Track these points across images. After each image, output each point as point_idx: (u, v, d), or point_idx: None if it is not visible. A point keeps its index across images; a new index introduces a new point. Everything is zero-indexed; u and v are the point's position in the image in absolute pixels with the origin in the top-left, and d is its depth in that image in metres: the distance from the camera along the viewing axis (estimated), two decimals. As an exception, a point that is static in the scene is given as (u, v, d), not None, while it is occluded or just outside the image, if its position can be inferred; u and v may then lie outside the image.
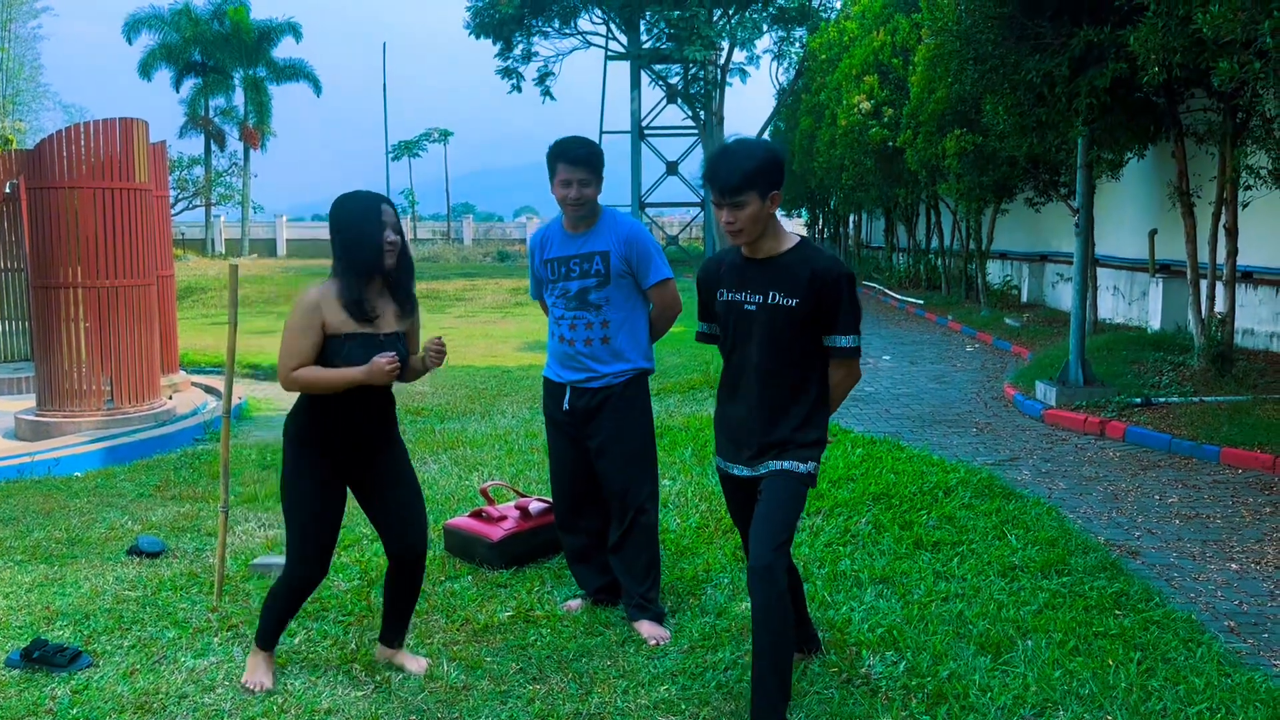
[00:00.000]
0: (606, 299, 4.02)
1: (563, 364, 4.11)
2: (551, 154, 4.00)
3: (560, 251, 4.08)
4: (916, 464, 6.27)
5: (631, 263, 4.03)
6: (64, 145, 8.68)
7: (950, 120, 13.62)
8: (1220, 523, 5.53)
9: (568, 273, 4.05)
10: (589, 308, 4.03)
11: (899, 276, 22.16)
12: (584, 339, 4.03)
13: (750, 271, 3.24)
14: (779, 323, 3.16)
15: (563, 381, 4.10)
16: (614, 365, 4.03)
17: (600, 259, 4.01)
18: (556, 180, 3.96)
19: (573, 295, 4.04)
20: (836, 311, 3.13)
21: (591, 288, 4.02)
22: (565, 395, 4.08)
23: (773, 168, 3.12)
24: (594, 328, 4.03)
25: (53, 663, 3.69)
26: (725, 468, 3.39)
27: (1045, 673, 3.54)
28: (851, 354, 3.19)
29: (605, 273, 4.01)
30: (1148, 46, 6.99)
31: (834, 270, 3.14)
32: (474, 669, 3.67)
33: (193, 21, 41.43)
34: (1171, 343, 10.23)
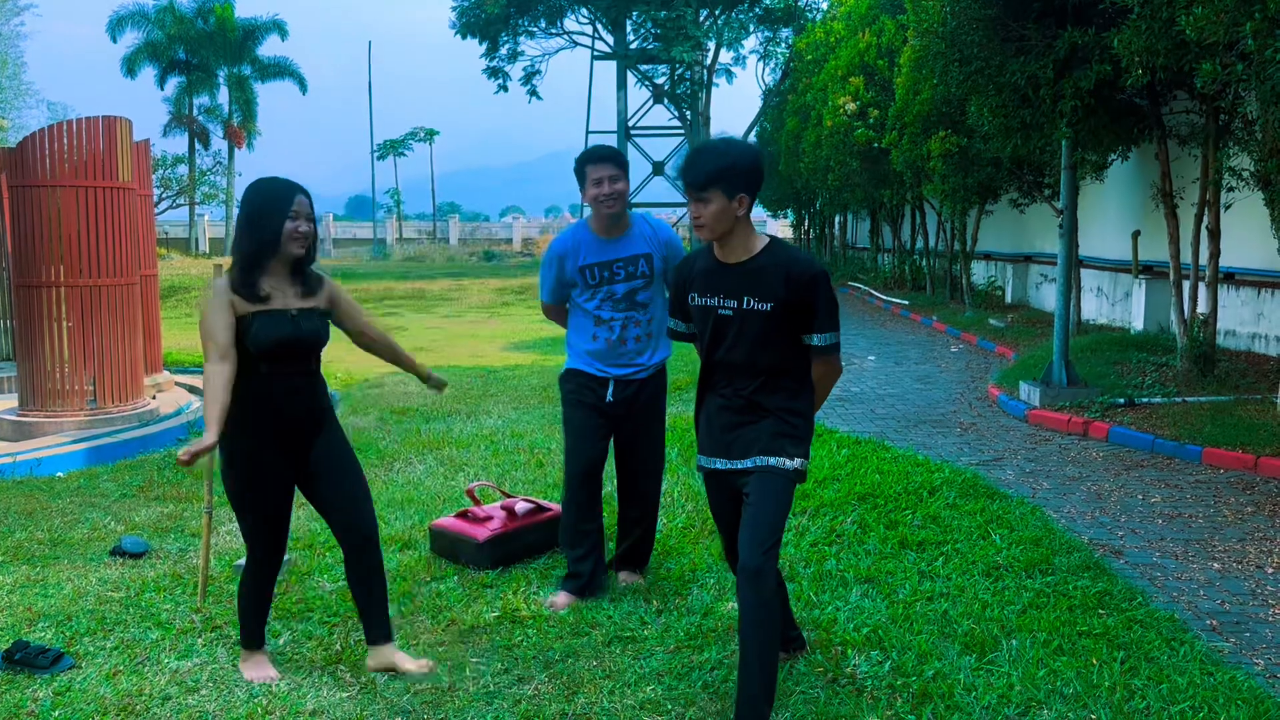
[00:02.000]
0: (651, 298, 4.33)
1: (607, 360, 4.32)
2: (578, 162, 4.26)
3: (599, 256, 4.27)
4: (902, 464, 6.29)
5: (670, 261, 4.34)
6: (47, 143, 8.61)
7: (935, 121, 13.68)
8: (1202, 522, 5.57)
9: (612, 276, 4.27)
10: (638, 307, 4.30)
11: (884, 277, 22.23)
12: (634, 336, 4.31)
13: (722, 276, 3.22)
14: (756, 326, 3.17)
15: (607, 376, 4.32)
16: (656, 356, 4.39)
17: (645, 261, 4.28)
18: (588, 182, 4.18)
19: (620, 297, 4.28)
20: (813, 310, 3.13)
21: (640, 288, 4.29)
22: (610, 387, 4.32)
23: (742, 169, 3.11)
24: (642, 325, 4.32)
25: (35, 664, 3.67)
26: (708, 464, 3.37)
27: (1029, 672, 3.56)
28: (831, 351, 3.20)
29: (651, 274, 4.30)
30: (1131, 49, 7.04)
31: (808, 270, 3.13)
32: (460, 670, 3.66)
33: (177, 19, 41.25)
34: (1154, 343, 10.29)
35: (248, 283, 3.40)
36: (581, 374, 4.36)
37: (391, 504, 5.77)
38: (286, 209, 3.40)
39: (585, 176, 4.21)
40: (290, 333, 3.43)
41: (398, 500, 5.86)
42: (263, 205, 3.42)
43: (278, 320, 3.41)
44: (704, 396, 3.39)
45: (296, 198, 3.43)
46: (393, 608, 4.23)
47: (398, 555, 4.88)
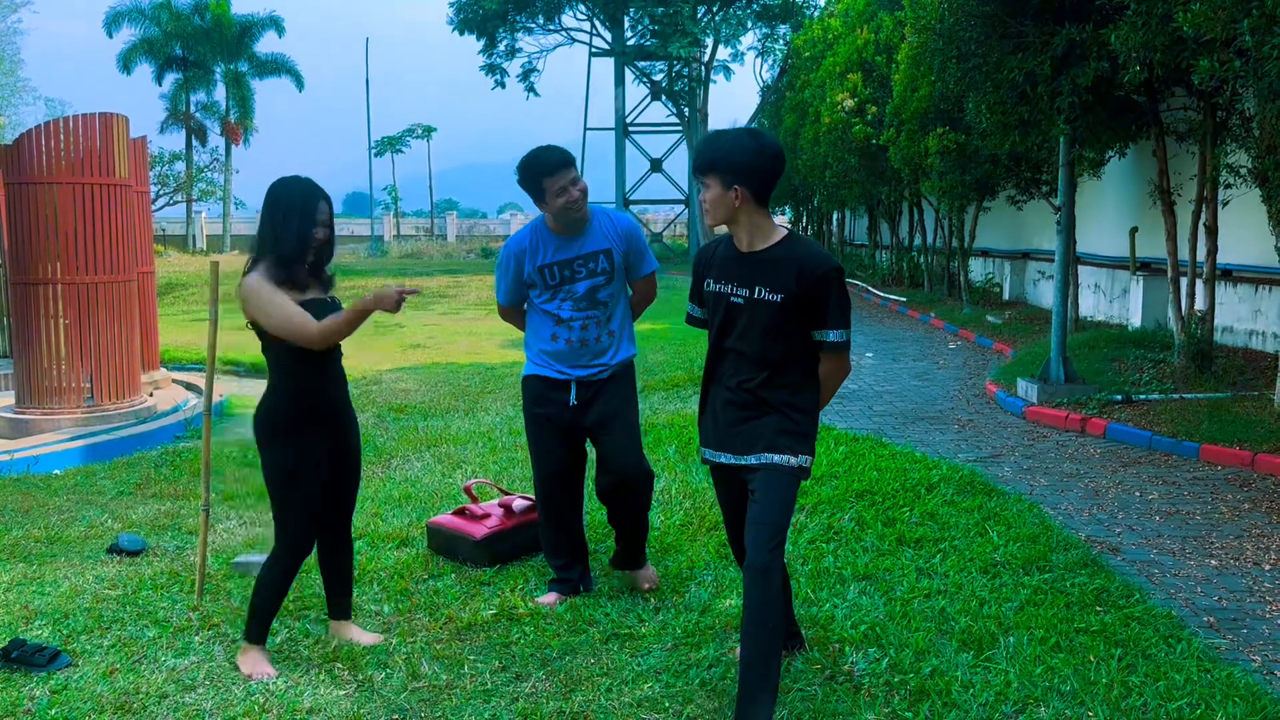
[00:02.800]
0: (612, 295, 4.19)
1: (567, 362, 4.18)
2: (527, 174, 4.04)
3: (558, 255, 4.13)
4: (899, 461, 6.29)
5: (630, 257, 4.22)
6: (43, 140, 8.60)
7: (933, 118, 13.67)
8: (1200, 519, 5.57)
9: (573, 275, 4.12)
10: (599, 306, 4.16)
11: (882, 274, 22.22)
12: (595, 336, 4.16)
13: (738, 264, 3.24)
14: (766, 317, 3.16)
15: (568, 378, 4.18)
16: (618, 355, 4.23)
17: (605, 257, 4.14)
18: (549, 193, 3.99)
19: (581, 295, 4.14)
20: (825, 306, 3.12)
21: (601, 285, 4.15)
22: (572, 390, 4.17)
23: (736, 162, 3.11)
24: (603, 324, 4.18)
25: (31, 662, 3.66)
26: (712, 457, 3.37)
27: (1027, 669, 3.56)
28: (840, 348, 3.18)
29: (611, 270, 4.16)
30: (1129, 45, 7.04)
31: (821, 265, 3.11)
32: (457, 667, 3.66)
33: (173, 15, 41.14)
34: (1152, 340, 10.30)
35: (292, 276, 3.51)
36: (540, 380, 4.22)
37: (389, 501, 5.77)
38: (313, 217, 3.53)
39: (543, 190, 4.00)
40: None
41: (395, 497, 5.85)
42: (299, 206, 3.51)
43: (327, 308, 3.55)
44: (709, 388, 3.39)
45: (319, 204, 3.54)
46: (389, 605, 4.25)
47: (395, 552, 4.88)
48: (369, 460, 6.90)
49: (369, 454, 7.08)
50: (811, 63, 21.94)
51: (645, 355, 11.48)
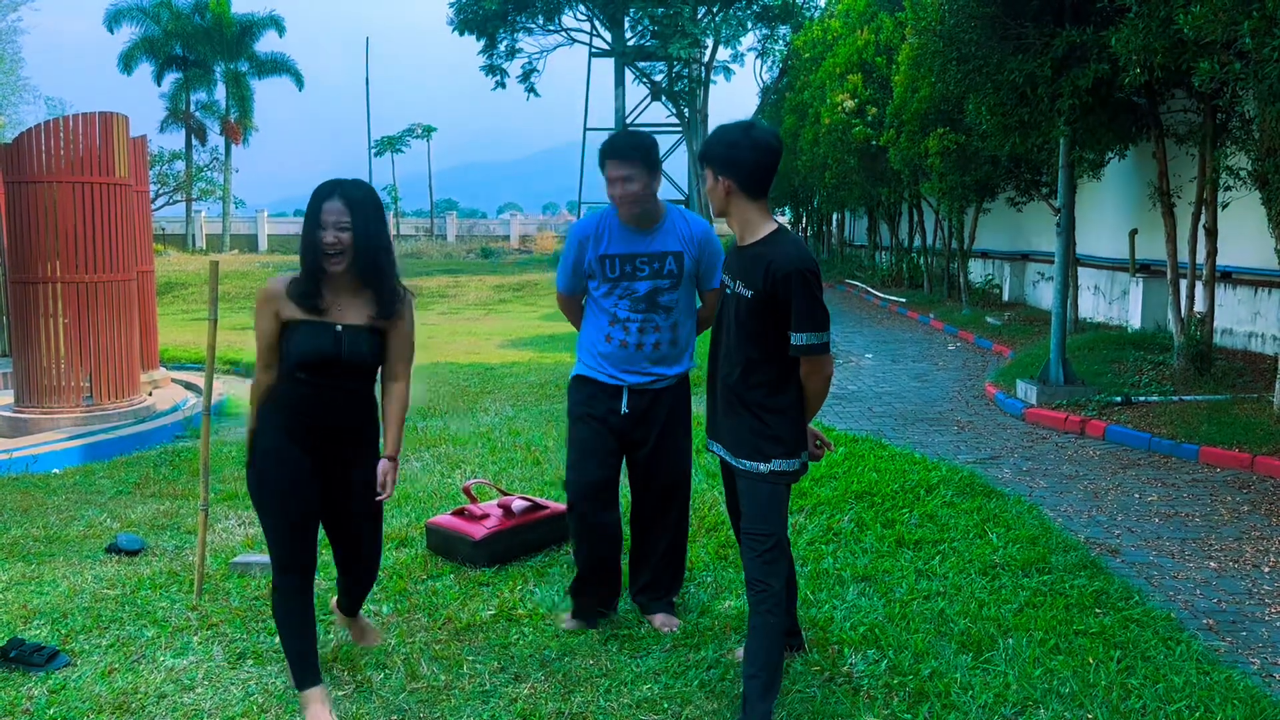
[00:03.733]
0: (676, 301, 3.84)
1: (619, 365, 3.84)
2: (601, 153, 3.78)
3: (625, 248, 3.80)
4: (899, 462, 6.29)
5: (703, 263, 3.86)
6: (43, 139, 8.60)
7: (933, 119, 13.67)
8: (1199, 521, 5.57)
9: (634, 271, 3.79)
10: (659, 310, 3.81)
11: (882, 275, 22.23)
12: (653, 342, 3.82)
13: (734, 257, 3.27)
14: (740, 312, 3.16)
15: (620, 384, 3.84)
16: (677, 367, 3.91)
17: (674, 260, 3.80)
18: (608, 179, 3.74)
19: (641, 296, 3.80)
20: (789, 307, 3.04)
21: (664, 289, 3.81)
22: (624, 397, 3.83)
23: (718, 154, 3.14)
24: (663, 331, 3.83)
25: (30, 662, 3.66)
26: (710, 446, 3.44)
27: (1026, 671, 3.56)
28: (808, 351, 3.06)
29: (679, 274, 3.81)
30: (1129, 47, 7.04)
31: (787, 264, 3.02)
32: (456, 668, 3.66)
33: (174, 14, 41.16)
34: (1151, 342, 10.30)
35: (303, 294, 3.21)
36: (591, 383, 3.88)
37: (388, 501, 5.76)
38: (316, 219, 3.17)
39: (605, 172, 3.75)
40: (328, 349, 3.21)
41: (394, 498, 5.85)
42: (306, 217, 3.22)
43: (317, 333, 3.20)
44: (709, 377, 3.41)
45: (324, 205, 3.17)
46: (388, 605, 4.24)
47: (394, 553, 4.87)
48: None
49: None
50: (811, 64, 21.96)
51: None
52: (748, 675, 3.11)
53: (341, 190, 3.18)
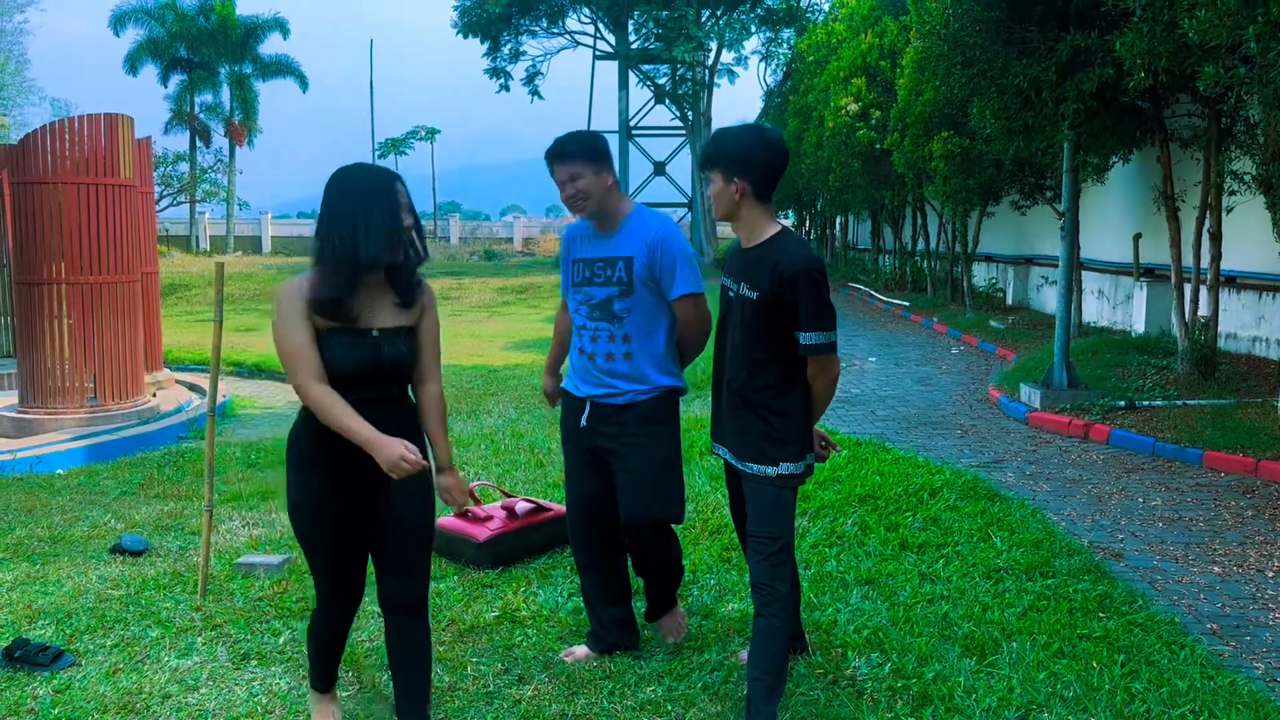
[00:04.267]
0: (629, 310, 3.55)
1: (582, 377, 3.67)
2: (545, 161, 3.57)
3: (586, 252, 3.64)
4: (902, 466, 6.28)
5: (655, 271, 3.54)
6: (48, 140, 8.62)
7: (937, 123, 13.68)
8: (1203, 526, 5.57)
9: (591, 277, 3.61)
10: (612, 319, 3.58)
11: (885, 278, 22.22)
12: (605, 353, 3.59)
13: (737, 259, 3.28)
14: (746, 314, 3.17)
15: (582, 396, 3.66)
16: (636, 384, 3.59)
17: (624, 265, 3.55)
18: (558, 186, 3.54)
19: (596, 303, 3.59)
20: (796, 307, 3.05)
21: (615, 296, 3.56)
22: (585, 410, 3.65)
23: (733, 156, 3.14)
24: (615, 341, 3.57)
25: (35, 662, 3.67)
26: (716, 449, 3.46)
27: (1030, 675, 3.55)
28: (815, 350, 3.07)
29: (628, 281, 3.53)
30: (1134, 52, 7.04)
31: (794, 264, 3.03)
32: (460, 669, 3.66)
33: (179, 16, 41.25)
34: (1155, 346, 10.30)
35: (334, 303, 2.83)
36: (566, 394, 3.76)
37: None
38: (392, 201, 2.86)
39: (553, 177, 3.57)
40: (368, 360, 2.88)
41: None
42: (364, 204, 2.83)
43: (353, 343, 2.86)
44: (714, 381, 3.44)
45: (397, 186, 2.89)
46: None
47: (398, 554, 4.88)
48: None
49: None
50: (815, 67, 21.96)
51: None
52: (752, 678, 3.11)
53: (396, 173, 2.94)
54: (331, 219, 2.82)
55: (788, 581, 3.17)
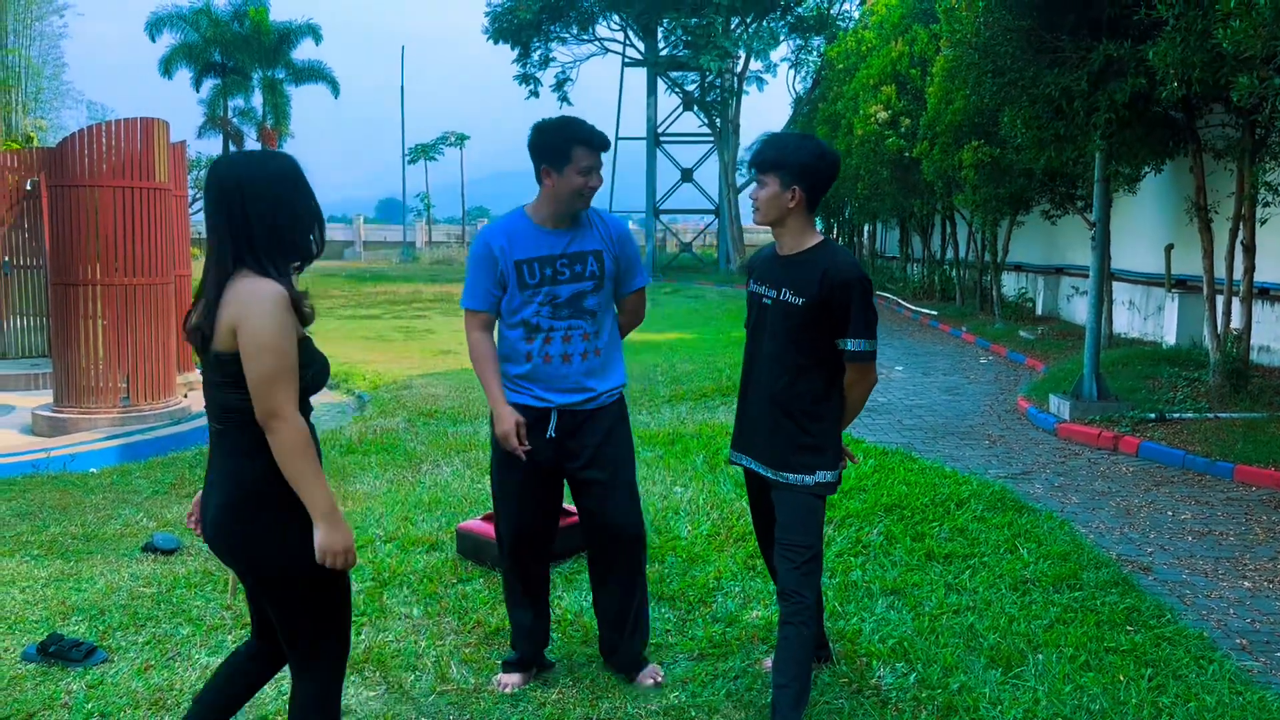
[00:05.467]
0: (600, 306, 3.51)
1: (548, 385, 3.45)
2: (566, 136, 3.38)
3: (538, 250, 3.43)
4: (929, 475, 6.27)
5: (622, 264, 3.55)
6: (86, 144, 8.75)
7: (967, 132, 13.62)
8: (1233, 540, 5.51)
9: (554, 275, 3.43)
10: (585, 315, 3.47)
11: (913, 287, 22.12)
12: (581, 351, 3.46)
13: (774, 266, 3.29)
14: (788, 321, 3.19)
15: (548, 405, 3.46)
16: (607, 381, 3.53)
17: (594, 259, 3.47)
18: (574, 166, 3.35)
19: (564, 301, 3.44)
20: (846, 314, 3.12)
21: (588, 292, 3.47)
22: (551, 421, 3.46)
23: (799, 163, 3.17)
24: (590, 338, 3.48)
25: (68, 657, 3.73)
26: (736, 459, 3.45)
27: (1056, 687, 3.54)
28: (860, 358, 3.16)
29: (600, 275, 3.48)
30: (1167, 61, 6.99)
31: (845, 272, 3.12)
32: (485, 671, 3.69)
33: (213, 22, 41.73)
34: (1186, 358, 10.19)
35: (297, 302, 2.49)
36: (519, 408, 3.46)
37: (419, 505, 5.82)
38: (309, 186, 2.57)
39: (571, 159, 3.35)
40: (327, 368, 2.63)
41: (425, 502, 5.90)
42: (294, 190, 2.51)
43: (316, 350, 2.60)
44: (742, 390, 3.44)
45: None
46: (419, 608, 4.27)
47: (424, 556, 4.92)
48: (399, 464, 6.95)
49: (399, 458, 7.14)
50: (845, 74, 21.91)
51: (674, 365, 11.50)
52: (778, 685, 3.11)
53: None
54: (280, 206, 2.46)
55: (815, 590, 3.18)
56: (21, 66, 35.32)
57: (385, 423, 8.59)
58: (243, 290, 2.38)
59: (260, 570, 2.47)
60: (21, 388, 10.98)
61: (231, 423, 2.44)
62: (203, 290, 2.46)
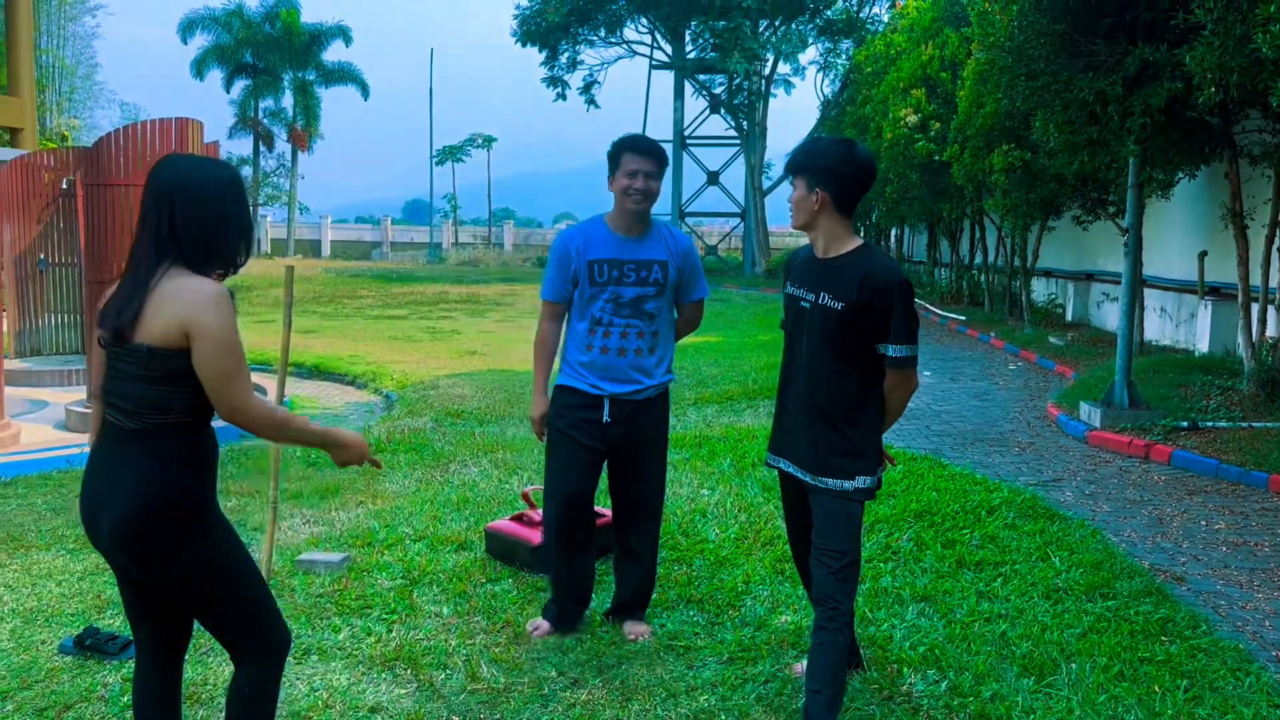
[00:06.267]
0: (659, 309, 3.96)
1: (603, 375, 3.91)
2: (618, 145, 3.92)
3: (611, 254, 3.90)
4: (959, 482, 6.23)
5: (684, 275, 4.01)
6: (121, 143, 8.85)
7: (998, 135, 13.53)
8: (1269, 551, 5.44)
9: (621, 277, 3.89)
10: (644, 316, 3.92)
11: (941, 292, 22.00)
12: (636, 348, 3.91)
13: (812, 269, 3.27)
14: (827, 324, 3.18)
15: (601, 394, 3.91)
16: (657, 376, 3.99)
17: (659, 268, 3.92)
18: (622, 170, 3.85)
19: (626, 301, 3.90)
20: (888, 318, 3.10)
21: (650, 296, 3.92)
22: (605, 407, 3.91)
23: (822, 166, 3.16)
24: (645, 337, 3.93)
25: (104, 650, 3.77)
26: (773, 461, 3.43)
27: (1090, 697, 3.51)
28: (901, 363, 3.14)
29: (663, 282, 3.93)
30: (1204, 66, 6.91)
31: (886, 276, 3.09)
32: (515, 671, 3.70)
33: (245, 23, 42.14)
34: (1220, 366, 10.08)
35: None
36: (573, 391, 3.94)
37: (448, 505, 5.84)
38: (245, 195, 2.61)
39: (620, 164, 3.87)
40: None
41: (453, 501, 5.92)
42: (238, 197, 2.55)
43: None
44: (780, 393, 3.43)
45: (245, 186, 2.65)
46: (448, 607, 4.28)
47: (453, 555, 4.94)
48: (427, 464, 6.98)
49: (427, 458, 7.17)
50: (874, 78, 21.83)
51: (699, 368, 11.49)
52: (812, 690, 3.10)
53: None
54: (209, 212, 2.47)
55: (852, 597, 3.17)
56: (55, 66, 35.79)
57: (413, 422, 8.63)
58: (188, 289, 2.39)
59: (184, 575, 2.45)
60: (56, 384, 11.11)
61: (154, 421, 2.41)
62: (124, 281, 2.47)
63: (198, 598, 2.50)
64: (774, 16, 31.46)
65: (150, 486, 2.40)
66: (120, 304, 2.43)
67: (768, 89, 34.08)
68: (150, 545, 2.41)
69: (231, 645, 2.59)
